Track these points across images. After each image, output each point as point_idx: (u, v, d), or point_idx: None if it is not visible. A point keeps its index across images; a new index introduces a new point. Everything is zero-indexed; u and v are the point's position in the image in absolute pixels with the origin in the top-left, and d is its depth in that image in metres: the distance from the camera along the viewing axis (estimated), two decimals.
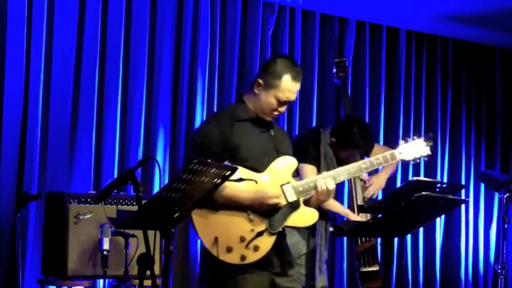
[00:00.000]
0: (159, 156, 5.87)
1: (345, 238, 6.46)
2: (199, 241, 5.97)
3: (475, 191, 7.49)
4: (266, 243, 3.70)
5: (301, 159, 4.32)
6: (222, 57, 6.25)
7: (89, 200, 4.88)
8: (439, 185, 3.83)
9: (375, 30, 7.04)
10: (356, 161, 5.00)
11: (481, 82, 7.65)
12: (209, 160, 3.35)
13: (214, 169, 3.29)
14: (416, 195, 3.60)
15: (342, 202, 5.78)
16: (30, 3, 5.43)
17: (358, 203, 5.09)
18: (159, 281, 3.57)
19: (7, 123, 5.33)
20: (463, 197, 6.90)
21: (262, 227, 3.70)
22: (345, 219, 5.05)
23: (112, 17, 5.76)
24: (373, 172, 4.98)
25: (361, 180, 5.10)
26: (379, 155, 3.99)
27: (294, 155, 3.91)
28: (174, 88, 6.05)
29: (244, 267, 3.66)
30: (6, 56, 5.34)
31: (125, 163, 5.74)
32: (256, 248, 3.67)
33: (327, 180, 3.77)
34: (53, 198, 4.97)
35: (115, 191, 3.53)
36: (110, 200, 4.87)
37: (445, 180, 7.10)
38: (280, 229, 3.74)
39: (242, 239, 3.65)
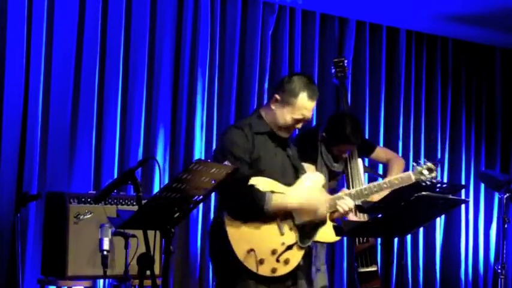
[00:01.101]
0: (159, 156, 5.86)
1: (345, 238, 6.45)
2: (199, 241, 5.99)
3: (475, 191, 7.48)
4: (296, 256, 3.74)
5: (300, 158, 4.33)
6: (222, 57, 6.25)
7: (89, 200, 4.88)
8: (439, 185, 3.83)
9: (375, 30, 7.03)
10: (351, 157, 5.03)
11: (481, 82, 7.64)
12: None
13: (214, 169, 3.29)
14: (416, 195, 3.59)
15: None
16: (30, 3, 5.42)
17: (357, 203, 5.08)
18: (159, 281, 3.56)
19: (7, 123, 5.32)
20: (463, 197, 6.90)
21: (292, 240, 3.73)
22: (345, 219, 5.05)
23: (112, 17, 5.75)
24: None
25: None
26: (398, 176, 4.23)
27: None
28: (174, 88, 6.05)
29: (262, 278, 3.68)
30: (6, 56, 5.33)
31: (125, 163, 5.73)
32: (286, 261, 3.71)
33: (346, 201, 3.89)
34: (53, 198, 4.97)
35: (115, 191, 3.53)
36: (110, 200, 4.87)
37: (445, 180, 7.10)
38: (309, 244, 3.79)
39: (274, 252, 3.69)
